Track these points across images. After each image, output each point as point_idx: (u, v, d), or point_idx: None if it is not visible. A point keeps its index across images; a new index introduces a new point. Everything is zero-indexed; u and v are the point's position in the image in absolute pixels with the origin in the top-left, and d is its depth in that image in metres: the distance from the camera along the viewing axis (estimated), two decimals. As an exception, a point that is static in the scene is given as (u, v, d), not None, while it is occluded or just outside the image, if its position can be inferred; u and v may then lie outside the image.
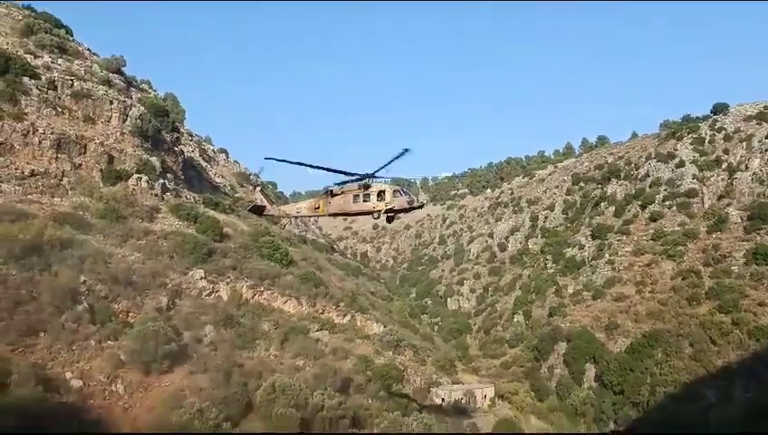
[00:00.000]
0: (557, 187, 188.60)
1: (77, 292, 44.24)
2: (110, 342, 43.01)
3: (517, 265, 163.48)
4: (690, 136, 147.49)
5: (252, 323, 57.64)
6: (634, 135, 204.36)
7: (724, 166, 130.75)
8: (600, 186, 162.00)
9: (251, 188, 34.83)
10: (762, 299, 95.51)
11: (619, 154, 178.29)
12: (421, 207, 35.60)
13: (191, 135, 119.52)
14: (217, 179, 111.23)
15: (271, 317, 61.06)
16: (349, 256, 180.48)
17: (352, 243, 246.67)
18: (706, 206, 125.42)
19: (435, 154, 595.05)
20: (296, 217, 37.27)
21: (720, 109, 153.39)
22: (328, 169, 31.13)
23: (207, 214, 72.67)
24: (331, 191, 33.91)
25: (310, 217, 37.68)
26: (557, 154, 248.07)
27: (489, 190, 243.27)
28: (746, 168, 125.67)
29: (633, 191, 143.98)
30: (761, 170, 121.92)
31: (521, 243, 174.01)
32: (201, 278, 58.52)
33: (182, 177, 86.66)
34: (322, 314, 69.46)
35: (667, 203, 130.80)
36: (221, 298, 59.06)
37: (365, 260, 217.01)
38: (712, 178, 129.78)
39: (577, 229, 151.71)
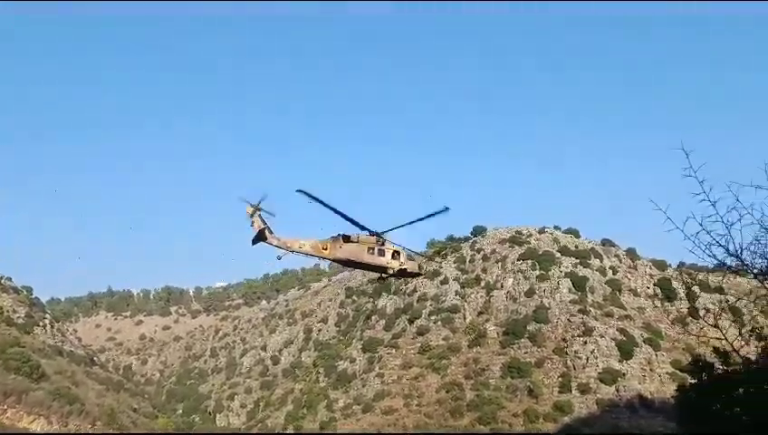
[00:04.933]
0: (331, 299, 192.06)
1: None
2: None
3: (290, 378, 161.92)
4: (453, 255, 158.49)
5: (-13, 448, 50.73)
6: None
7: (483, 284, 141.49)
8: (371, 299, 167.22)
9: (248, 210, 30.31)
10: (516, 410, 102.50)
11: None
12: (425, 274, 35.19)
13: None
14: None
15: (12, 441, 54.20)
16: (111, 369, 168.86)
17: (116, 355, 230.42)
18: (467, 321, 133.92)
19: (209, 262, 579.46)
20: (295, 253, 32.44)
21: (479, 231, 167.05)
22: (350, 220, 31.22)
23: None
24: (347, 236, 31.96)
25: (312, 255, 34.72)
26: (332, 267, 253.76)
27: (264, 302, 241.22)
28: (501, 286, 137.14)
29: (402, 305, 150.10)
30: (514, 289, 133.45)
31: (294, 356, 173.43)
32: (-73, 397, 50.87)
33: None
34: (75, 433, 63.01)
35: (433, 317, 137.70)
36: (-49, 420, 51.53)
37: (129, 374, 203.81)
38: (472, 295, 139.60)
39: (349, 342, 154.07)
